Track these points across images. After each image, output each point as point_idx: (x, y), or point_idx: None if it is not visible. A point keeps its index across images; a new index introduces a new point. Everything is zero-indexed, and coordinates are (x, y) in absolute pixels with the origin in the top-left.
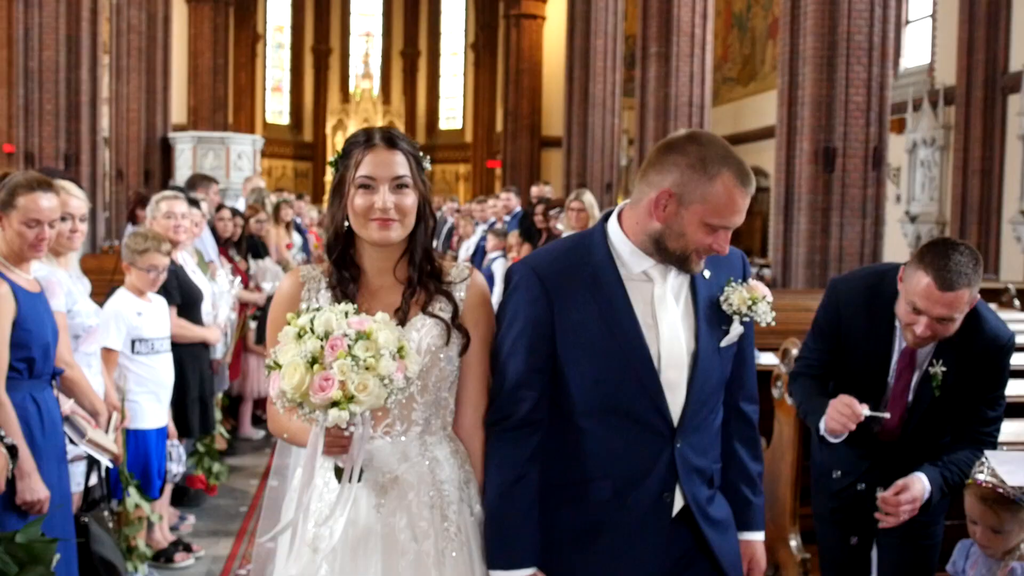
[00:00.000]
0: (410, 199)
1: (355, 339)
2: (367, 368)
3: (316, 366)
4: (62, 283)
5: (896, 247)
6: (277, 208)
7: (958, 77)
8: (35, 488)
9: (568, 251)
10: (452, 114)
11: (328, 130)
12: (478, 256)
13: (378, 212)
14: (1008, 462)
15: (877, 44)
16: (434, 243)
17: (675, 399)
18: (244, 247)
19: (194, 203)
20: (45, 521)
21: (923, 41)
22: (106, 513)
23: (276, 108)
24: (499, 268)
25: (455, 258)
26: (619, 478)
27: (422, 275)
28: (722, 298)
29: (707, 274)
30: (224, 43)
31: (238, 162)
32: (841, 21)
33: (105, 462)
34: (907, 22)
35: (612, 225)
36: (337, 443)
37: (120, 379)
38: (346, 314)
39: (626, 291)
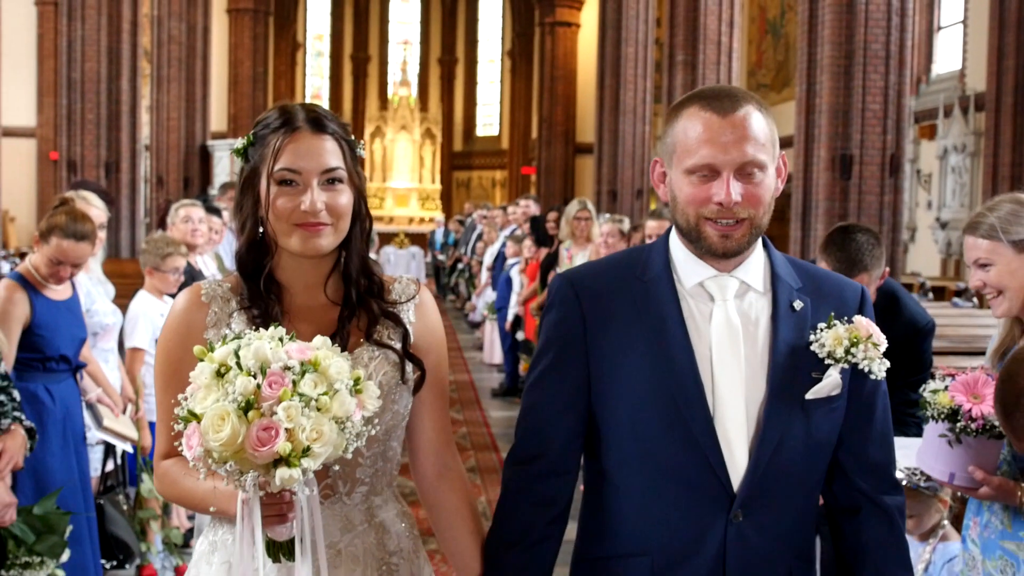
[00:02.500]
0: (345, 197)
1: (301, 372)
2: (319, 409)
3: (252, 412)
4: (82, 284)
5: (927, 253)
6: None
7: (988, 83)
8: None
9: (620, 263)
10: (489, 121)
11: (366, 137)
12: (499, 261)
13: (306, 215)
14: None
15: (894, 53)
16: (463, 250)
17: (736, 458)
18: None
19: (215, 211)
20: (60, 497)
21: (954, 47)
22: (121, 497)
23: None
24: (516, 274)
25: (480, 263)
26: (660, 555)
27: (360, 292)
28: (814, 337)
29: (798, 304)
30: (264, 52)
31: None
32: (858, 30)
33: (124, 447)
34: (939, 28)
35: (675, 232)
36: (275, 510)
37: (144, 374)
38: (280, 340)
39: (680, 311)
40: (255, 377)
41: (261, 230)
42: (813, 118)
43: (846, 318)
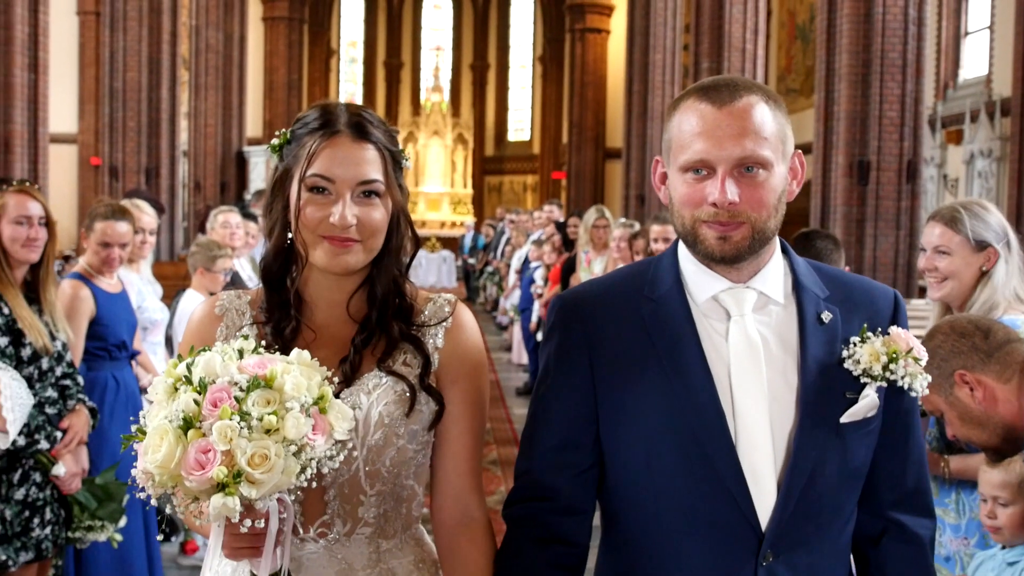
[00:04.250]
0: (379, 213)
1: (248, 388)
2: (266, 430)
3: (192, 432)
4: (133, 284)
5: None
6: None
7: (1014, 88)
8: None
9: (624, 280)
10: (520, 126)
11: (399, 142)
12: (527, 264)
13: (334, 228)
14: None
15: (911, 61)
16: (493, 254)
17: (764, 493)
18: None
19: (251, 216)
20: (120, 469)
21: (981, 53)
22: None
23: None
24: (538, 276)
25: (508, 266)
26: None
27: (384, 314)
28: (847, 352)
29: (827, 316)
30: (299, 59)
31: None
32: (875, 39)
33: None
34: (966, 34)
35: (683, 244)
36: (242, 541)
37: None
38: (240, 353)
39: (695, 330)
40: (200, 393)
41: (290, 236)
42: (831, 125)
43: (880, 329)
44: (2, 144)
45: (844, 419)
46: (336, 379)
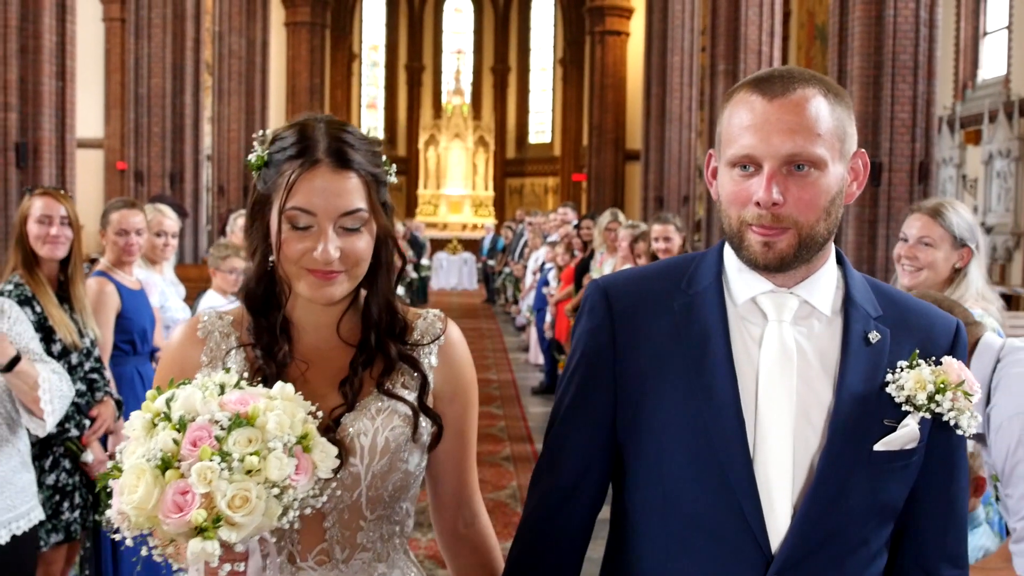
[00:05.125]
0: (364, 241)
1: (229, 427)
2: (248, 472)
3: (170, 472)
4: (156, 285)
5: None
6: None
7: None
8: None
9: (665, 271)
10: (541, 128)
11: (421, 145)
12: (544, 266)
13: (317, 262)
14: None
15: (923, 63)
16: (512, 255)
17: (777, 513)
18: None
19: None
20: None
21: (1000, 53)
22: None
23: (371, 124)
24: (552, 278)
25: (525, 267)
26: None
27: (379, 335)
28: (891, 377)
29: (874, 336)
30: (320, 63)
31: None
32: (886, 41)
33: None
34: (984, 34)
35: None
36: None
37: None
38: (221, 388)
39: (727, 330)
40: (180, 430)
41: (271, 260)
42: None
43: (933, 358)
44: (31, 150)
45: (878, 447)
46: (320, 413)
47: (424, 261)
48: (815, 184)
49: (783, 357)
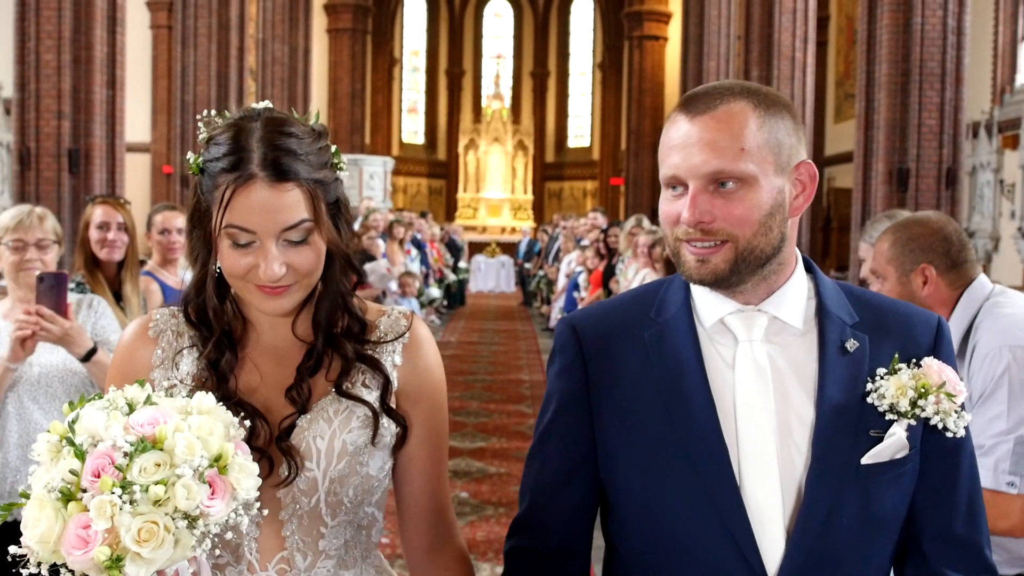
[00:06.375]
0: (311, 253)
1: (132, 453)
2: (155, 503)
3: (72, 504)
4: None
5: (1010, 262)
6: (391, 226)
7: None
8: None
9: (632, 301)
10: (580, 132)
11: (460, 149)
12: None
13: (263, 279)
14: None
15: (950, 70)
16: (547, 259)
17: (771, 539)
18: (358, 260)
19: None
20: None
21: None
22: None
23: (411, 128)
24: (582, 280)
25: (558, 270)
26: None
27: (332, 335)
28: (871, 386)
29: (851, 344)
30: (362, 69)
31: (370, 182)
32: (914, 49)
33: None
34: (1022, 39)
35: None
36: None
37: None
38: (130, 406)
39: (700, 356)
40: (81, 458)
41: (217, 267)
42: (871, 133)
43: (914, 361)
44: (83, 156)
45: (866, 459)
46: (247, 423)
47: (462, 264)
48: (744, 200)
49: (758, 377)
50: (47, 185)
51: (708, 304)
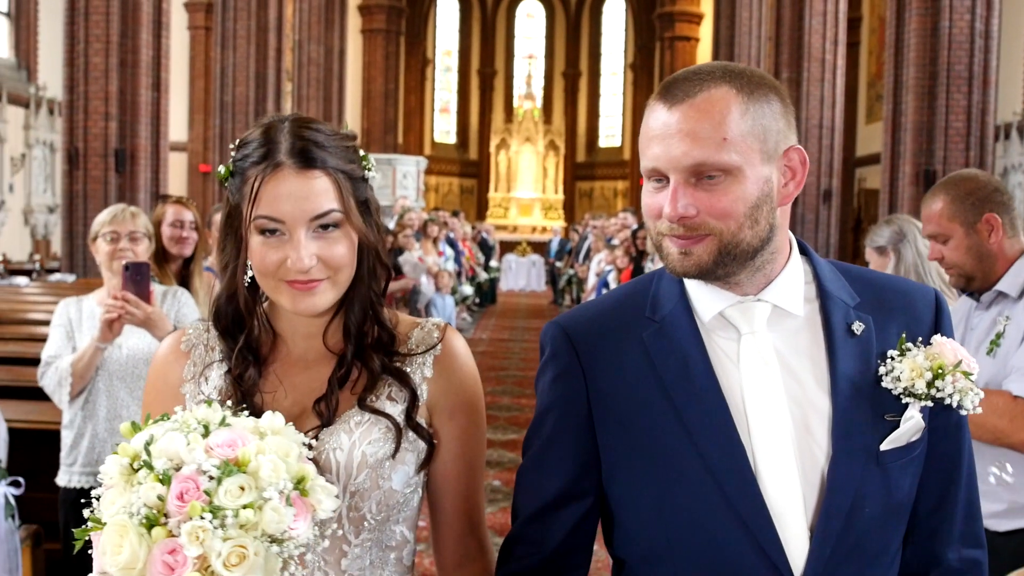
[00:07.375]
0: (342, 244)
1: (220, 477)
2: (243, 527)
3: (156, 530)
4: None
5: None
6: (425, 225)
7: None
8: None
9: (624, 300)
10: (611, 132)
11: (492, 148)
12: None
13: (293, 273)
14: None
15: (978, 73)
16: (577, 258)
17: (794, 537)
18: (392, 259)
19: None
20: None
21: None
22: None
23: (444, 128)
24: (611, 280)
25: (588, 269)
26: None
27: (363, 346)
28: (884, 369)
29: (858, 327)
30: (395, 69)
31: (403, 181)
32: (942, 53)
33: None
34: None
35: None
36: None
37: None
38: (206, 429)
39: (705, 352)
40: (164, 483)
41: (250, 276)
42: (899, 136)
43: (921, 339)
44: (129, 156)
45: (885, 445)
46: (314, 443)
47: (493, 263)
48: (728, 192)
49: (765, 369)
50: (94, 184)
51: (705, 297)
